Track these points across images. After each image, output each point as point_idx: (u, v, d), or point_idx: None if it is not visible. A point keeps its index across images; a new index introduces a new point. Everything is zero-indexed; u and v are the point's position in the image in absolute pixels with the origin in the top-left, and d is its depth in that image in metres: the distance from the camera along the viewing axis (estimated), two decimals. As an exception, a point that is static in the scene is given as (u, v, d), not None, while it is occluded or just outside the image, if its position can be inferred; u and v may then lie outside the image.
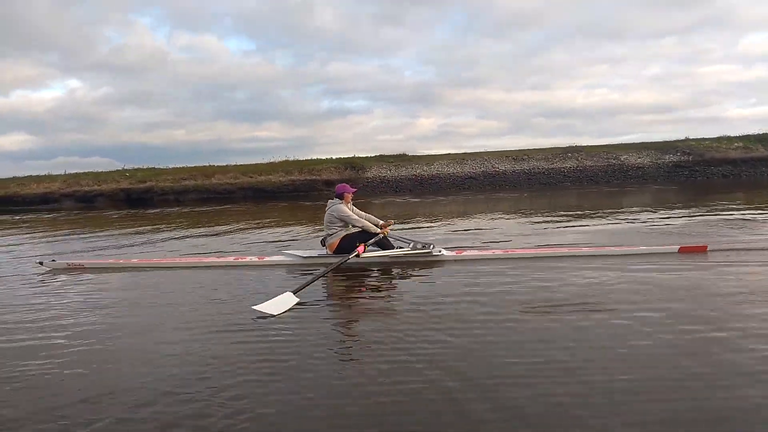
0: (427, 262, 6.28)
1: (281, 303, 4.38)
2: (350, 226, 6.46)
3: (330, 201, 6.61)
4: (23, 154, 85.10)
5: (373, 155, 34.94)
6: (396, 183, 30.79)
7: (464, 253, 6.52)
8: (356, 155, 34.41)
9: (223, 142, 77.09)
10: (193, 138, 78.49)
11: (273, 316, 4.17)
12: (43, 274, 6.70)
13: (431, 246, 6.38)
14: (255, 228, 12.93)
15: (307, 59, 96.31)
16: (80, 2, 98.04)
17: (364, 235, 6.39)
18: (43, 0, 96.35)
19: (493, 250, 6.66)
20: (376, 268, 6.24)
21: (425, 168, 32.18)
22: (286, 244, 9.07)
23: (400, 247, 6.51)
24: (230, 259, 6.83)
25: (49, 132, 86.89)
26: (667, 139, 32.84)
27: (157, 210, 23.67)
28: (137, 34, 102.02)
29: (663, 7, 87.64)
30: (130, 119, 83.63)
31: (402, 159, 34.00)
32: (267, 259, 6.69)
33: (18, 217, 22.69)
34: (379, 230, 6.44)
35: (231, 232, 12.44)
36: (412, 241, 6.55)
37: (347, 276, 5.94)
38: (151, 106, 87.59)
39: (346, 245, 6.30)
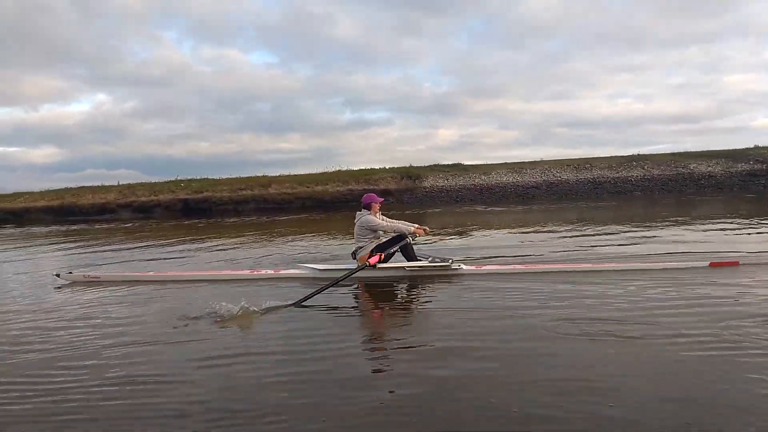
0: (444, 275, 6.10)
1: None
2: (381, 237, 6.36)
3: (358, 213, 6.49)
4: (52, 167, 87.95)
5: (426, 165, 34.37)
6: (456, 192, 30.12)
7: (484, 267, 6.31)
8: (411, 165, 33.88)
9: (245, 153, 78.59)
10: (216, 150, 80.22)
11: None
12: (58, 287, 6.74)
13: (449, 260, 6.19)
14: (318, 238, 12.59)
15: (328, 71, 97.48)
16: (106, 16, 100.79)
17: (394, 242, 6.29)
18: (70, 14, 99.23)
19: (515, 265, 6.43)
20: (391, 282, 6.04)
21: (483, 177, 31.49)
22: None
23: (418, 259, 6.36)
24: (246, 272, 6.79)
25: (77, 145, 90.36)
26: (733, 148, 31.55)
27: (216, 219, 23.51)
28: (162, 48, 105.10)
29: (685, 14, 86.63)
30: (154, 132, 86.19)
31: (457, 168, 33.41)
32: (283, 272, 6.62)
33: (75, 227, 22.75)
34: (412, 228, 6.28)
35: (296, 241, 12.30)
36: (430, 255, 6.42)
37: (361, 288, 5.84)
38: (175, 118, 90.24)
39: (389, 256, 6.24)
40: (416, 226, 6.40)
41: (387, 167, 33.98)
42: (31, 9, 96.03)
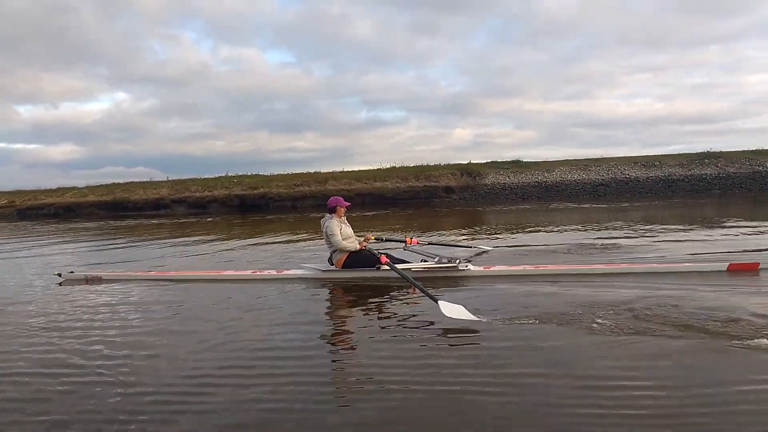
0: (452, 277, 5.91)
1: (454, 310, 4.13)
2: (355, 243, 6.16)
3: (324, 217, 6.27)
4: (72, 164, 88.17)
5: (484, 161, 33.50)
6: (520, 190, 29.22)
7: (492, 268, 6.14)
8: (471, 161, 33.03)
9: (262, 152, 77.70)
10: (232, 148, 79.34)
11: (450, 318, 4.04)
12: (59, 285, 6.65)
13: (457, 261, 6.05)
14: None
15: (344, 70, 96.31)
16: (127, 16, 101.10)
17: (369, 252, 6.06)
18: (91, 13, 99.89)
19: (524, 266, 6.23)
20: (396, 283, 5.76)
21: (546, 174, 30.52)
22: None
23: (424, 261, 6.22)
24: (248, 272, 6.64)
25: (96, 143, 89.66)
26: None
27: (274, 216, 22.86)
28: (182, 47, 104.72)
29: (704, 14, 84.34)
30: (173, 130, 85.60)
31: (517, 165, 32.48)
32: (285, 272, 6.45)
33: (125, 222, 22.29)
34: (357, 246, 6.11)
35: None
36: (438, 255, 6.29)
37: (358, 290, 5.67)
38: (193, 117, 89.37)
39: (354, 261, 6.02)
40: (362, 239, 6.26)
41: (446, 164, 33.16)
42: (52, 9, 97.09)
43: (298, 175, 33.33)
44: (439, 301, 4.21)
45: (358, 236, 6.48)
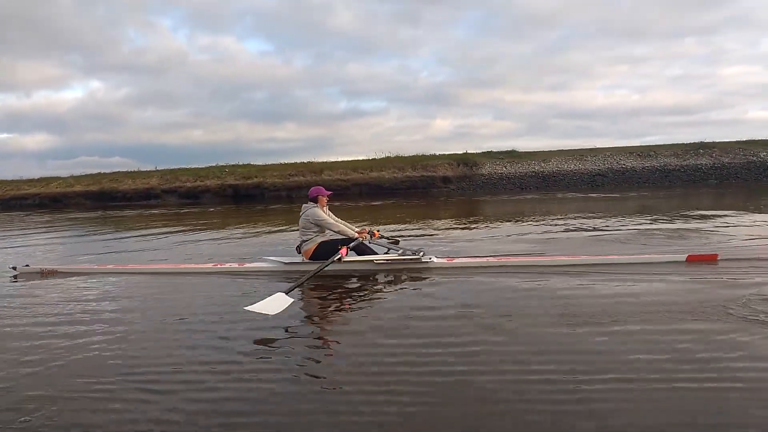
0: (414, 268, 5.87)
1: (275, 303, 4.11)
2: (326, 232, 6.05)
3: (304, 205, 6.14)
4: (46, 154, 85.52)
5: (479, 152, 33.24)
6: (518, 180, 29.09)
7: (455, 260, 6.12)
8: (468, 151, 32.72)
9: (241, 142, 76.31)
10: (211, 138, 77.82)
11: (269, 315, 3.99)
12: (13, 278, 6.51)
13: (420, 252, 5.95)
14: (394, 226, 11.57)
15: (325, 60, 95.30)
16: (102, 3, 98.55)
17: (342, 241, 5.94)
18: (65, 0, 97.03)
19: (487, 257, 6.24)
20: (358, 275, 5.80)
21: (543, 165, 30.43)
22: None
23: (387, 253, 6.13)
24: (209, 265, 6.52)
25: (71, 132, 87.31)
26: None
27: (267, 205, 22.37)
28: (158, 35, 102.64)
29: (683, 6, 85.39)
30: (149, 119, 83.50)
31: (512, 155, 32.28)
32: (247, 265, 6.37)
33: (120, 213, 21.62)
34: (355, 234, 6.01)
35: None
36: (401, 247, 6.22)
37: (323, 283, 5.52)
38: (170, 106, 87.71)
39: (323, 252, 5.87)
40: (358, 230, 6.13)
41: (441, 154, 32.87)
42: None
43: (292, 165, 32.75)
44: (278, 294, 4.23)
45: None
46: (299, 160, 34.36)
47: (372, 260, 5.86)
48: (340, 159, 33.40)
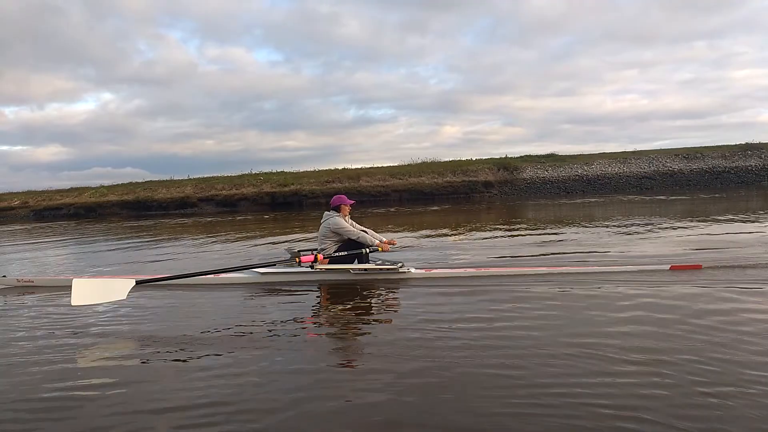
0: (391, 279, 5.78)
1: (105, 290, 3.93)
2: (376, 245, 5.91)
3: (326, 213, 6.07)
4: (59, 165, 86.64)
5: (518, 156, 32.67)
6: (561, 184, 28.45)
7: (433, 271, 6.03)
8: (508, 155, 32.17)
9: (251, 152, 77.06)
10: (221, 148, 78.56)
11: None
12: None
13: (398, 263, 5.85)
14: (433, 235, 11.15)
15: (333, 69, 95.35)
16: (113, 16, 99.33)
17: (353, 246, 5.87)
18: (77, 14, 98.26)
19: (465, 268, 6.13)
20: (334, 284, 5.73)
21: (586, 168, 29.78)
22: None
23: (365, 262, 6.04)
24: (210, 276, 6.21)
25: (83, 144, 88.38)
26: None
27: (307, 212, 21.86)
28: (168, 47, 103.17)
29: (691, 10, 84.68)
30: (160, 130, 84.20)
31: (553, 159, 31.70)
32: (223, 275, 6.02)
33: (154, 222, 21.22)
34: (377, 242, 5.91)
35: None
36: (380, 258, 6.13)
37: (298, 291, 5.51)
38: (181, 117, 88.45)
39: (339, 260, 5.84)
40: (385, 240, 6.05)
41: (480, 158, 32.32)
42: (39, 9, 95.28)
43: (328, 172, 32.35)
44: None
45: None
46: (308, 168, 34.31)
47: (348, 269, 5.75)
48: (346, 166, 33.06)
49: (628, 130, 73.38)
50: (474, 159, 32.55)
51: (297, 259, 5.56)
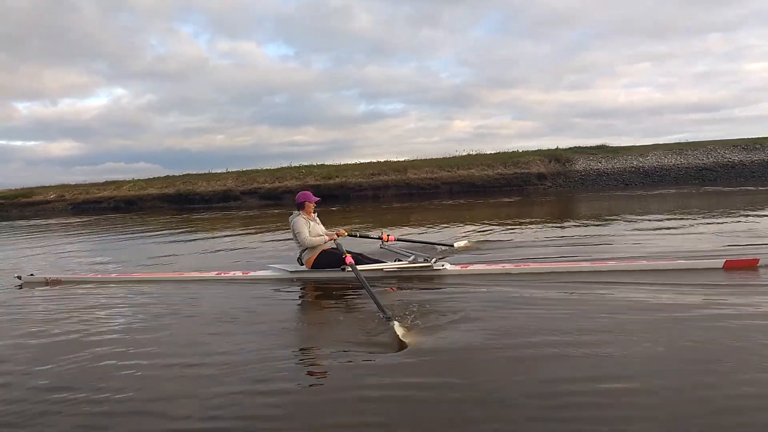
0: (426, 276, 5.52)
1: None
2: (326, 238, 5.76)
3: (292, 214, 5.86)
4: (72, 160, 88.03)
5: (567, 147, 31.71)
6: (617, 175, 27.47)
7: (469, 267, 5.71)
8: (558, 147, 31.20)
9: (261, 146, 77.57)
10: (232, 143, 79.02)
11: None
12: (18, 288, 6.44)
13: (432, 259, 5.65)
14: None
15: (344, 63, 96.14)
16: (125, 11, 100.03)
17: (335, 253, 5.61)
18: (90, 9, 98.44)
19: (503, 264, 5.75)
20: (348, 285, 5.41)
21: (641, 159, 28.77)
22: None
23: (399, 260, 5.87)
24: (213, 273, 6.25)
25: (96, 139, 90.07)
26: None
27: (353, 206, 21.21)
28: (180, 42, 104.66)
29: (705, 2, 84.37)
30: (172, 125, 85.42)
31: (604, 150, 30.70)
32: (252, 273, 6.11)
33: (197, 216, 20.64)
34: (326, 238, 5.72)
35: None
36: (413, 253, 5.91)
37: (326, 292, 5.27)
38: (192, 112, 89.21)
39: (326, 260, 5.62)
40: (330, 232, 5.88)
41: (525, 150, 31.41)
42: (53, 5, 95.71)
43: (372, 165, 31.62)
44: (394, 323, 3.58)
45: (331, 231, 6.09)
46: (317, 162, 33.86)
47: (381, 269, 5.57)
48: (355, 161, 32.32)
49: (641, 123, 72.97)
50: (521, 151, 31.64)
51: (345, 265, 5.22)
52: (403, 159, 32.41)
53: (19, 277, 6.66)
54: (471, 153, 32.06)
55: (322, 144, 78.38)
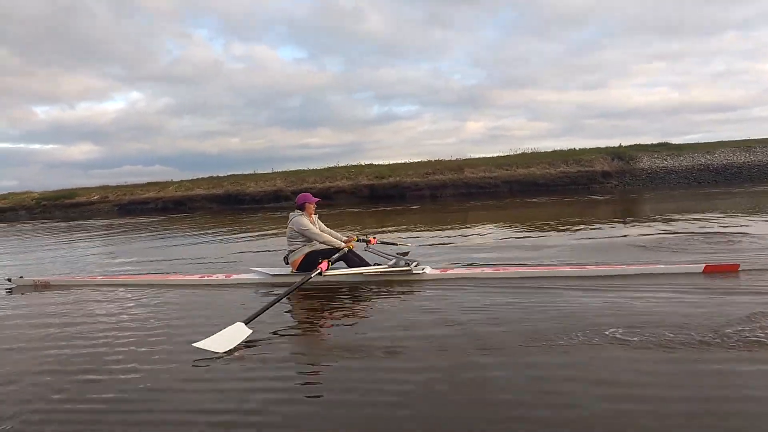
0: (404, 281, 5.42)
1: (229, 337, 3.63)
2: (314, 242, 5.72)
3: (291, 213, 5.88)
4: (90, 163, 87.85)
5: (630, 144, 30.59)
6: (687, 173, 26.35)
7: (449, 271, 5.64)
8: (621, 144, 30.11)
9: (275, 149, 76.23)
10: (246, 146, 78.19)
11: (219, 355, 3.47)
12: (8, 291, 6.48)
13: (413, 263, 5.53)
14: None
15: (357, 65, 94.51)
16: (140, 15, 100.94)
17: (330, 251, 5.57)
18: (106, 14, 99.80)
19: (482, 268, 5.73)
20: (344, 288, 5.39)
21: (708, 157, 27.60)
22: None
23: (377, 264, 5.71)
24: (196, 277, 6.31)
25: (113, 142, 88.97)
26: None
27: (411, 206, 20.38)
28: (194, 46, 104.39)
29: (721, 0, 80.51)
30: (187, 128, 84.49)
31: (666, 148, 29.57)
32: (235, 277, 6.13)
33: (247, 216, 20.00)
34: (342, 244, 5.63)
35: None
36: (395, 257, 5.75)
37: (308, 298, 5.16)
38: (206, 115, 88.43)
39: (311, 263, 5.49)
40: (345, 238, 5.83)
41: (583, 147, 30.38)
42: (69, 9, 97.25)
43: (426, 164, 30.81)
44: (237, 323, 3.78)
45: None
46: (332, 165, 33.10)
47: (362, 272, 5.52)
48: (366, 162, 31.38)
49: (658, 123, 71.06)
50: (577, 148, 30.61)
51: (320, 270, 5.10)
52: (420, 160, 31.75)
53: (9, 279, 6.76)
54: (526, 151, 31.10)
55: (336, 146, 77.81)
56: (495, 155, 30.83)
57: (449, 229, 10.86)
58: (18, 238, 16.34)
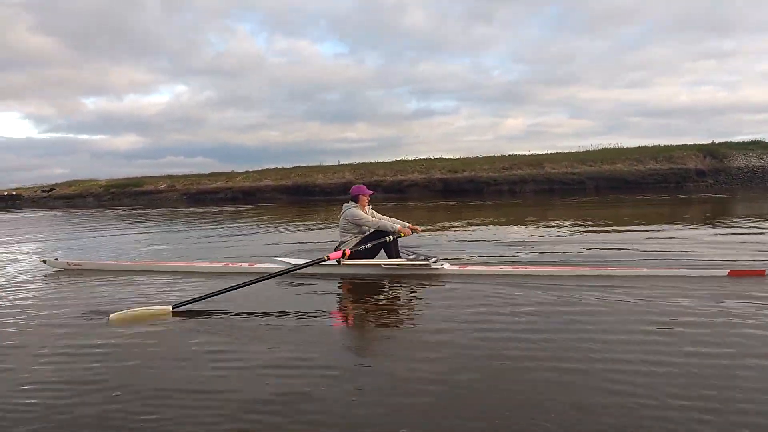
0: (422, 275, 5.43)
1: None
2: (366, 233, 5.75)
3: (345, 204, 5.93)
4: (135, 154, 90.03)
5: (722, 141, 28.74)
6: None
7: (468, 267, 5.65)
8: (714, 141, 28.33)
9: (313, 142, 76.35)
10: (286, 139, 78.82)
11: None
12: (44, 273, 6.60)
13: (432, 258, 5.58)
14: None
15: (397, 60, 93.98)
16: (186, 9, 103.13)
17: (376, 235, 5.66)
18: (154, 8, 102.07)
19: (502, 266, 5.65)
20: (358, 280, 5.49)
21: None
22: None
23: (400, 256, 5.76)
24: (220, 264, 6.45)
25: (157, 133, 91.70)
26: None
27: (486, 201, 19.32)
28: (238, 40, 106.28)
29: None
30: (229, 121, 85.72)
31: (761, 146, 27.60)
32: (258, 266, 6.13)
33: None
34: (397, 227, 5.66)
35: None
36: (414, 252, 5.89)
37: (321, 286, 5.26)
38: (248, 108, 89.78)
39: (362, 251, 5.60)
40: (407, 225, 5.78)
41: (670, 144, 28.73)
42: (119, 4, 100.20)
43: (501, 158, 29.78)
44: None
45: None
46: (369, 160, 32.54)
47: (380, 265, 5.58)
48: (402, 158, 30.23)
49: (705, 123, 67.78)
50: (667, 145, 28.89)
51: (326, 257, 5.28)
52: (456, 156, 30.57)
53: (45, 261, 6.86)
54: (607, 147, 29.65)
55: (373, 140, 77.19)
56: (575, 150, 29.39)
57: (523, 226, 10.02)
58: (86, 222, 16.42)
